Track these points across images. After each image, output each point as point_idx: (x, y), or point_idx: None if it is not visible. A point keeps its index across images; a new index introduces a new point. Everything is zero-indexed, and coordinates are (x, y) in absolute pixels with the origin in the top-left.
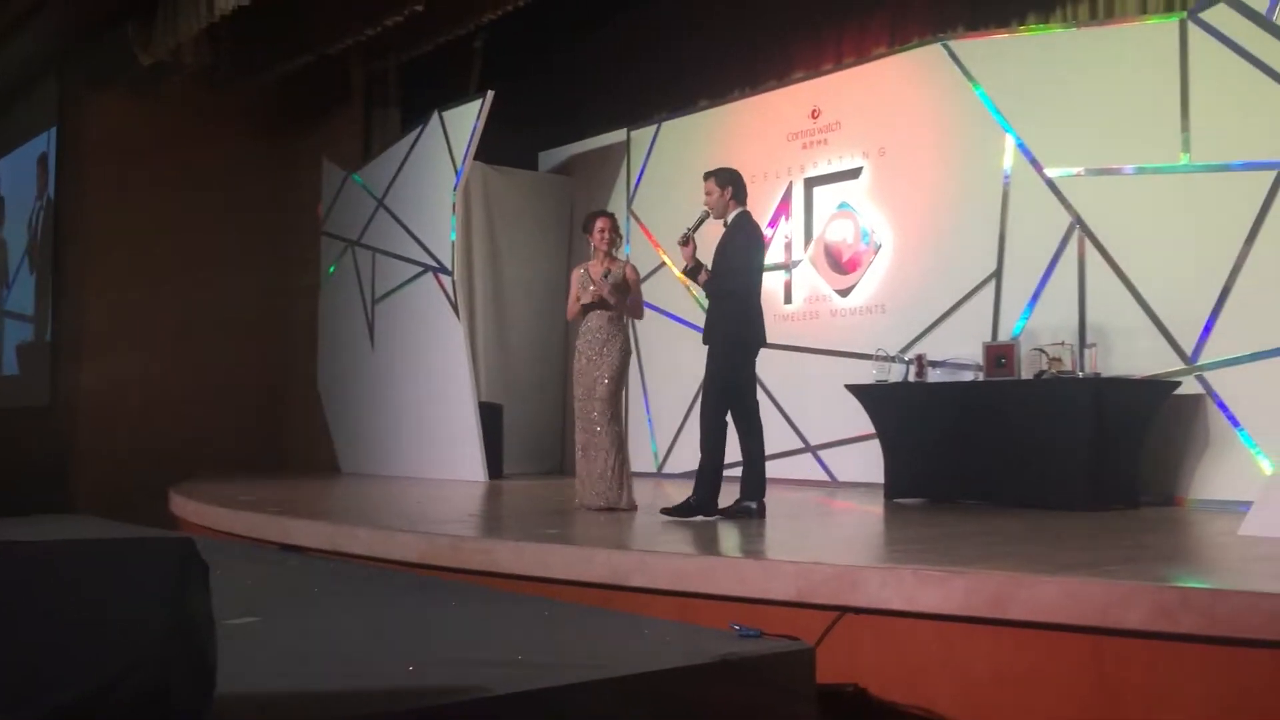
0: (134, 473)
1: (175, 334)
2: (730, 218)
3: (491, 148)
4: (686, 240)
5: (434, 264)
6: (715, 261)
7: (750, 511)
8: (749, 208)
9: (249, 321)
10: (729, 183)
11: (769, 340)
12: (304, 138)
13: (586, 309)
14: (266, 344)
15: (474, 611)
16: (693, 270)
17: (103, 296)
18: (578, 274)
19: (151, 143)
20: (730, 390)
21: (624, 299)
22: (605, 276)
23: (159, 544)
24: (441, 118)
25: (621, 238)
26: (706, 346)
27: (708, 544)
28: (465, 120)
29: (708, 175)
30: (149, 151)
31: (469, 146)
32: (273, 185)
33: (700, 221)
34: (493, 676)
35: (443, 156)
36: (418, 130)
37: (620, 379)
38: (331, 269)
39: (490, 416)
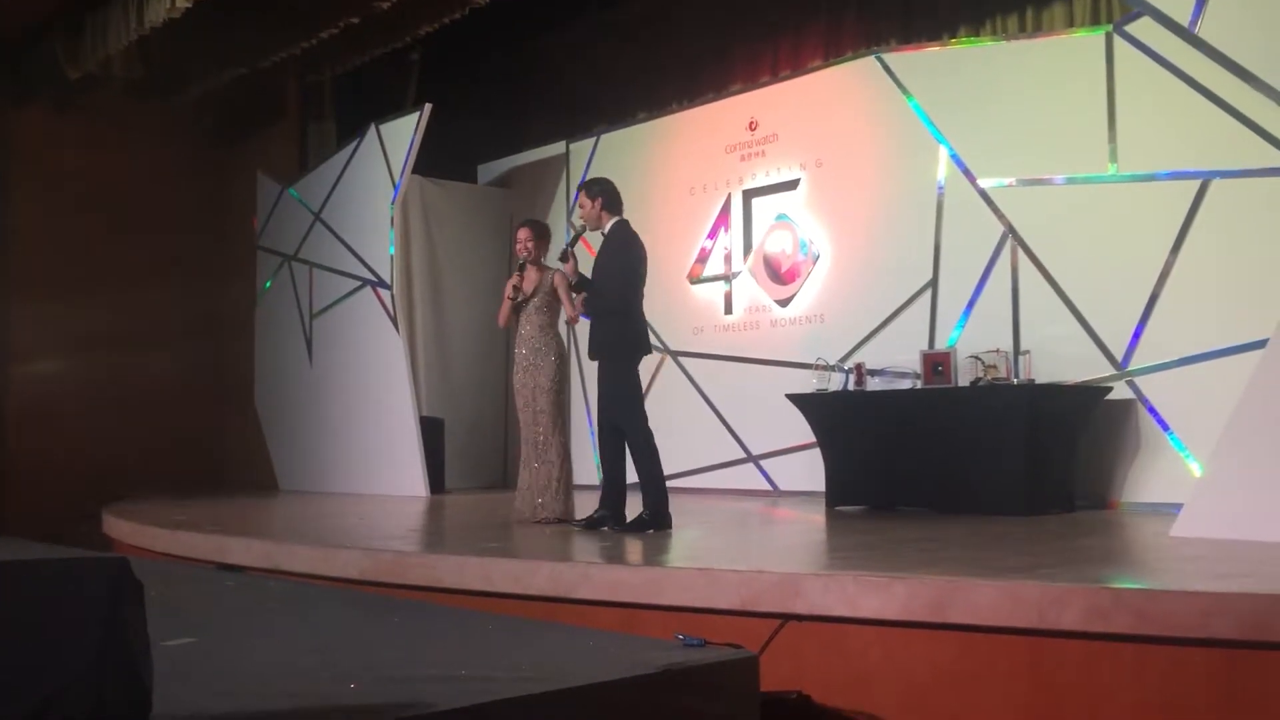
0: (63, 493)
1: (108, 350)
2: (607, 228)
3: (430, 161)
4: (565, 257)
5: (373, 278)
6: (594, 275)
7: (606, 521)
8: (626, 215)
9: (184, 337)
10: (600, 193)
11: (712, 351)
12: (238, 151)
13: (516, 309)
14: (202, 360)
15: (417, 627)
16: (578, 285)
17: (30, 310)
18: (512, 280)
19: (80, 157)
20: (634, 398)
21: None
22: (572, 286)
23: (92, 564)
24: (379, 131)
25: (546, 244)
26: (595, 362)
27: (651, 555)
28: (403, 133)
29: (579, 187)
30: (78, 166)
31: (407, 159)
32: (207, 199)
33: (576, 236)
34: (437, 692)
35: (380, 170)
36: (354, 143)
37: (559, 387)
38: (268, 284)
39: (431, 431)
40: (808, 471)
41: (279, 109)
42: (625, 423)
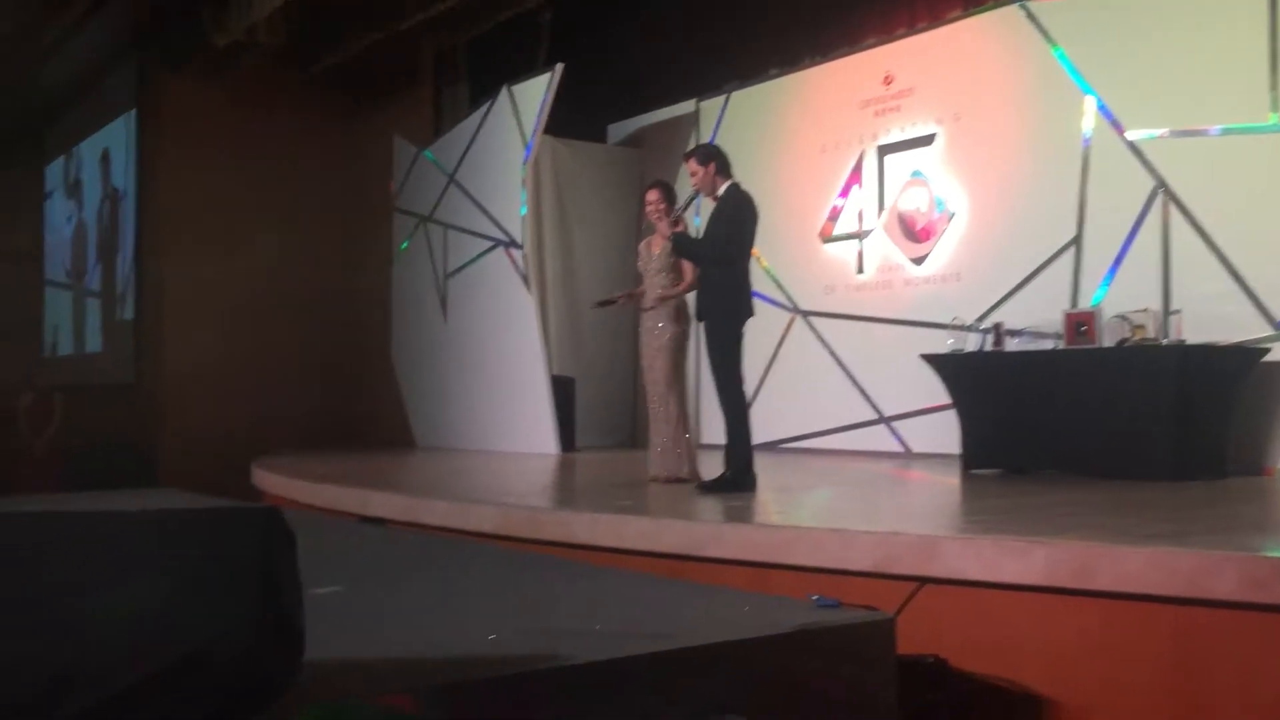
0: (215, 447)
1: (252, 311)
2: (720, 192)
3: (560, 121)
4: (677, 220)
5: (505, 238)
6: (707, 231)
7: (728, 483)
8: (735, 179)
9: (324, 298)
10: (710, 157)
11: (844, 310)
12: (375, 115)
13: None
14: (342, 320)
15: (551, 582)
16: (674, 241)
17: (181, 275)
18: (642, 248)
19: (226, 123)
20: (730, 360)
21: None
22: (670, 239)
23: (248, 514)
24: (511, 92)
25: (675, 206)
26: (702, 322)
27: (783, 514)
28: (534, 94)
29: (687, 156)
30: (224, 132)
31: (538, 120)
32: (345, 163)
33: (687, 205)
34: (572, 646)
35: (512, 131)
36: (487, 105)
37: (679, 350)
38: (404, 245)
39: (562, 389)
40: (941, 433)
41: (414, 74)
42: (719, 383)
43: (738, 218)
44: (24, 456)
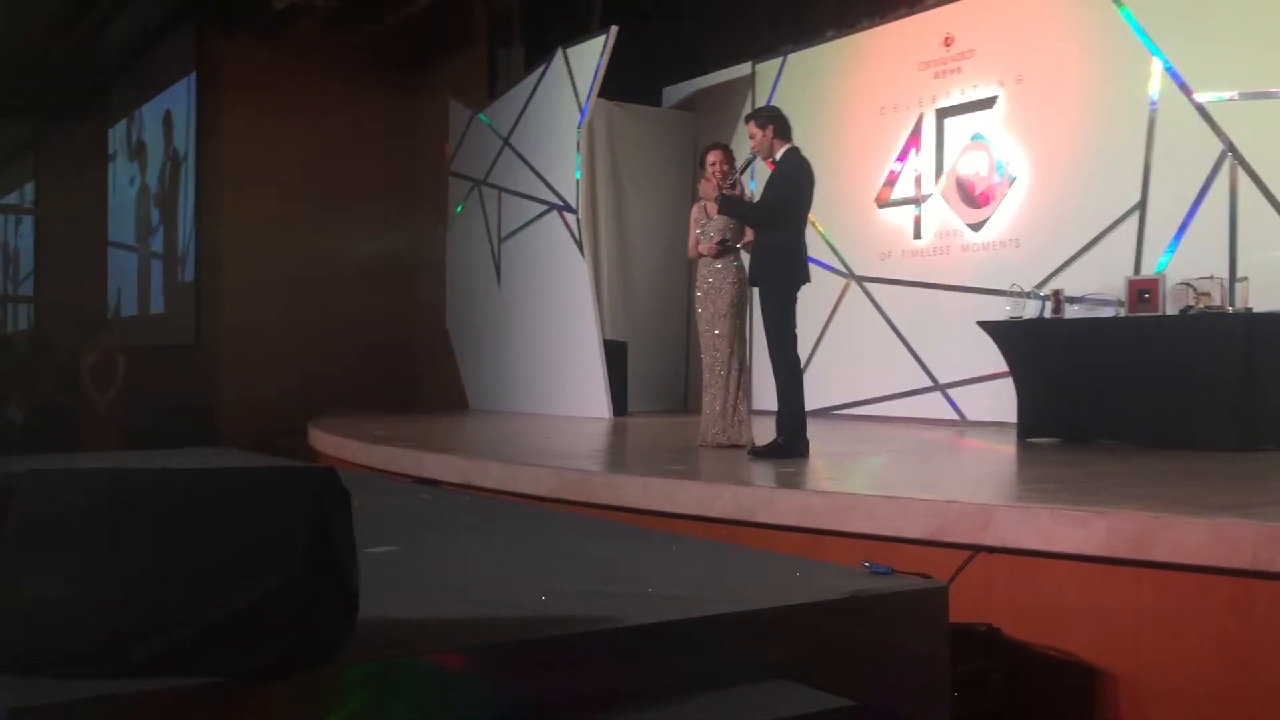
0: (273, 408)
1: (309, 274)
2: (779, 155)
3: (615, 84)
4: (734, 184)
5: (559, 202)
6: (763, 194)
7: (779, 449)
8: (795, 143)
9: (379, 260)
10: (769, 120)
11: (900, 276)
12: (430, 78)
13: (719, 255)
14: (396, 283)
15: (603, 544)
16: (722, 203)
17: (240, 237)
18: (695, 211)
19: (284, 86)
20: (784, 325)
21: (739, 236)
22: (719, 198)
23: (304, 473)
24: (565, 55)
25: (735, 169)
26: (754, 287)
27: (836, 480)
28: (589, 57)
29: (747, 119)
30: (281, 95)
31: (593, 83)
32: (400, 126)
33: (744, 168)
34: (623, 608)
35: (567, 94)
36: (542, 68)
37: (738, 315)
38: (459, 208)
39: (615, 354)
40: (997, 401)
41: (469, 36)
42: (772, 348)
43: (793, 180)
44: (89, 415)
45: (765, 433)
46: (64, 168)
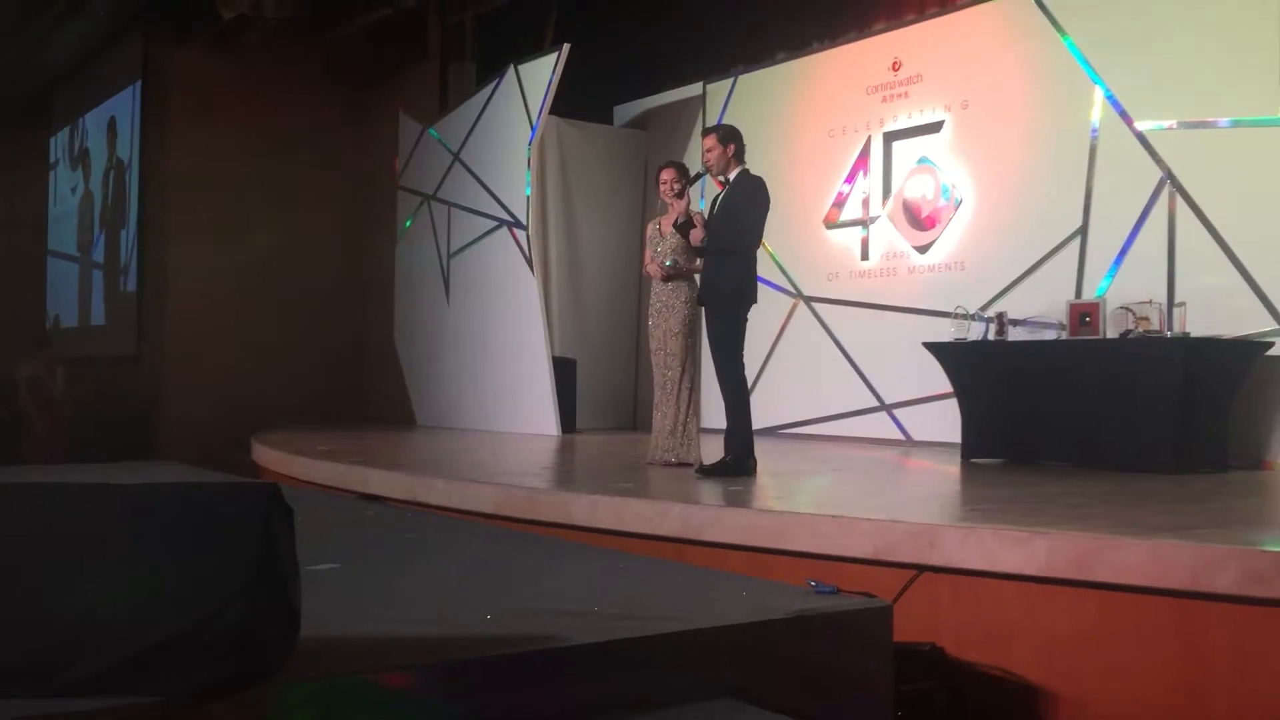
0: (216, 421)
1: (254, 286)
2: (731, 176)
3: (566, 102)
4: (681, 194)
5: (509, 218)
6: (715, 219)
7: (727, 467)
8: (748, 166)
9: (327, 274)
10: (731, 139)
11: (847, 297)
12: (381, 92)
13: (669, 278)
14: (344, 296)
15: (549, 562)
16: (684, 225)
17: (184, 248)
18: (650, 230)
19: (232, 96)
20: (736, 345)
21: (693, 260)
22: (675, 226)
23: (246, 489)
24: (517, 71)
25: (687, 187)
26: (703, 306)
27: (783, 499)
28: (541, 74)
29: (708, 131)
30: (230, 105)
31: (544, 100)
32: (350, 139)
33: (692, 181)
34: (569, 626)
35: (518, 110)
36: (493, 84)
37: (690, 333)
38: (408, 223)
39: (564, 371)
40: (942, 422)
41: (421, 50)
42: (720, 368)
43: (757, 200)
44: (27, 427)
45: (715, 451)
46: (2, 175)
